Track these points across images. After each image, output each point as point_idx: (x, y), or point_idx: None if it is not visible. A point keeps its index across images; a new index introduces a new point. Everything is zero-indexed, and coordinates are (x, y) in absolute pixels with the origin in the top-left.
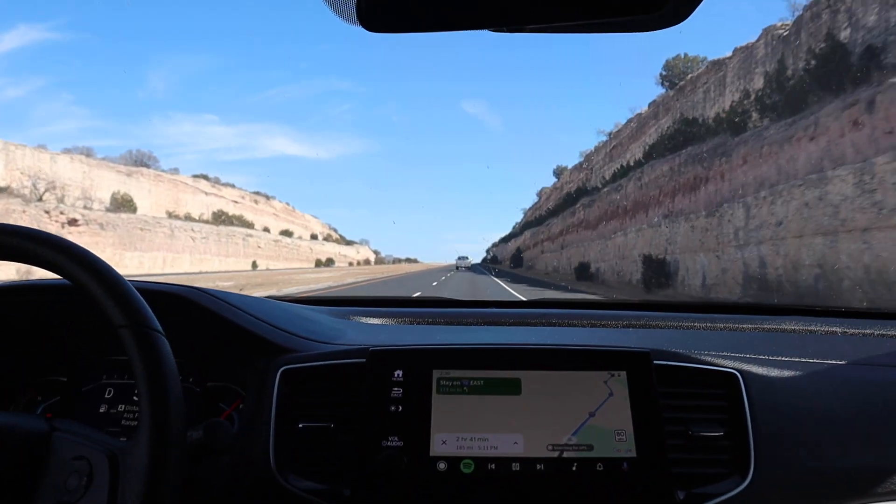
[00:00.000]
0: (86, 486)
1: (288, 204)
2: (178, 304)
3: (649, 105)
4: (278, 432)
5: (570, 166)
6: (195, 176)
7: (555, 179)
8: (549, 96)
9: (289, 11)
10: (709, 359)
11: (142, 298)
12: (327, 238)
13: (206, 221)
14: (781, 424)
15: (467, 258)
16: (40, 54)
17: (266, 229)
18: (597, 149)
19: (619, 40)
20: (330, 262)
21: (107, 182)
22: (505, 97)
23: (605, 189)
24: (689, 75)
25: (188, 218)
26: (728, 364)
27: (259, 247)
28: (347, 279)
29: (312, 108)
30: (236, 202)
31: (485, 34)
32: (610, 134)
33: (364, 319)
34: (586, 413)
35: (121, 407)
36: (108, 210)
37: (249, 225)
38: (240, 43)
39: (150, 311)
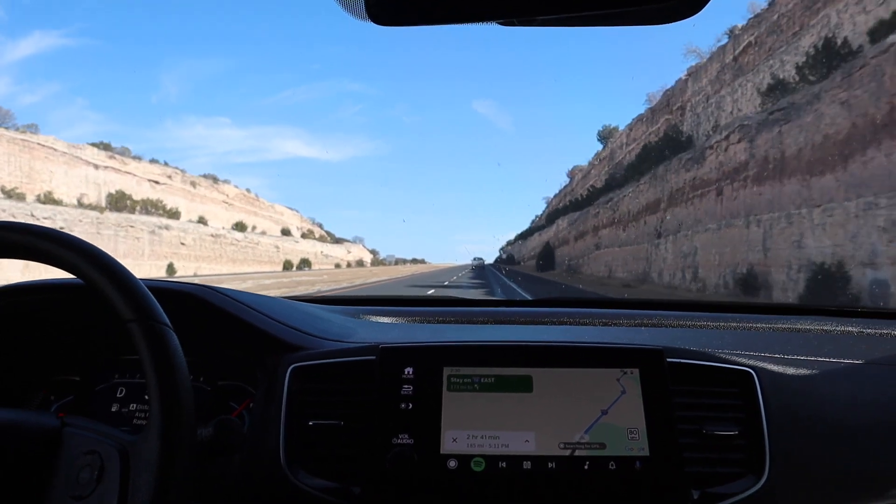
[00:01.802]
0: (97, 479)
1: (248, 191)
2: (189, 303)
3: None
4: (288, 430)
5: (622, 126)
6: (93, 144)
7: (599, 147)
8: (560, 94)
9: (300, 14)
10: (723, 357)
11: (150, 293)
12: (307, 235)
13: (87, 206)
14: (797, 424)
15: (481, 259)
16: (55, 60)
17: (202, 220)
18: (694, 74)
19: (629, 36)
20: (305, 264)
21: None
22: (515, 96)
23: None
24: None
25: (47, 199)
26: (742, 362)
27: (183, 243)
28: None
29: (324, 110)
30: (157, 183)
31: (494, 32)
32: (732, 32)
33: (375, 318)
34: (599, 411)
35: (132, 406)
36: None
37: (173, 214)
38: (251, 45)
39: (157, 305)
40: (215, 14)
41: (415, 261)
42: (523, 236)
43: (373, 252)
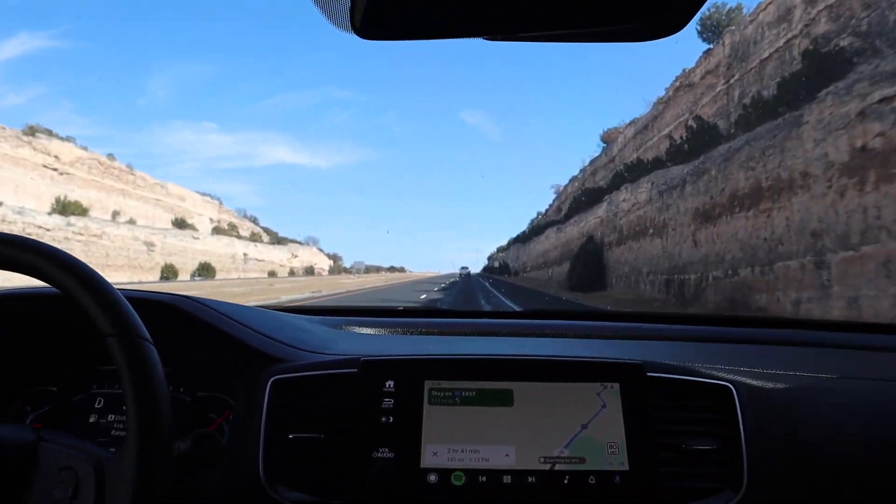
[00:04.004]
0: (72, 496)
1: (110, 157)
2: (168, 313)
3: None
4: (268, 443)
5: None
6: None
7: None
8: (549, 105)
9: (288, 20)
10: (702, 371)
11: (130, 307)
12: (224, 231)
13: None
14: (775, 438)
15: (467, 268)
16: (41, 62)
17: None
18: None
19: (617, 49)
20: (204, 270)
21: None
22: (504, 107)
23: None
24: None
25: None
26: (721, 377)
27: None
28: None
29: (312, 116)
30: None
31: (482, 43)
32: None
33: (356, 329)
34: (579, 425)
35: (111, 417)
36: None
37: None
38: (240, 51)
39: (138, 319)
40: (203, 19)
41: (392, 269)
42: (522, 239)
43: (332, 257)
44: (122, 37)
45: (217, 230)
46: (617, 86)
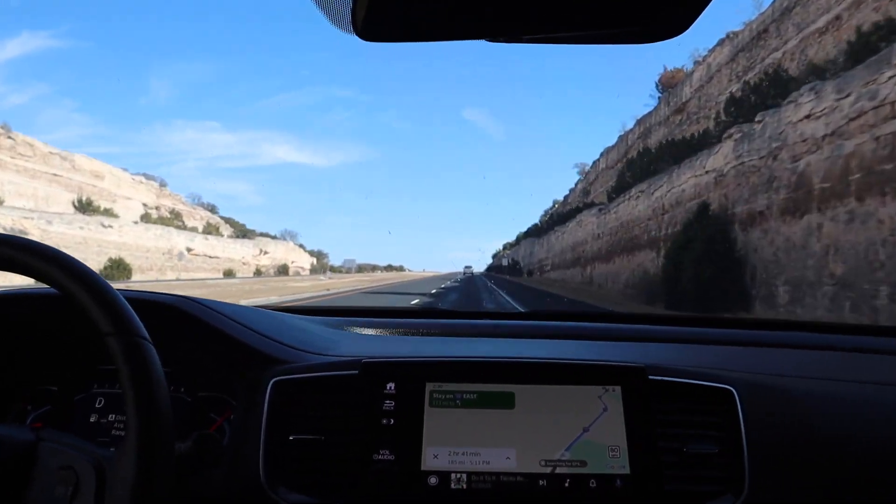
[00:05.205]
0: (71, 495)
1: (6, 127)
2: (169, 314)
3: None
4: (269, 445)
5: None
6: None
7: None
8: (551, 104)
9: (290, 20)
10: (704, 374)
11: (129, 306)
12: (164, 219)
13: None
14: (777, 442)
15: (471, 267)
16: (42, 62)
17: None
18: None
19: (619, 50)
20: (116, 268)
21: None
22: (506, 105)
23: None
24: None
25: None
26: (723, 380)
27: None
28: None
29: (314, 115)
30: None
31: (485, 41)
32: None
33: (358, 330)
34: (580, 428)
35: (111, 417)
36: None
37: None
38: (242, 50)
39: (136, 318)
40: (205, 18)
41: (390, 268)
42: (536, 232)
43: (316, 254)
44: (124, 36)
45: (148, 217)
46: (617, 82)
